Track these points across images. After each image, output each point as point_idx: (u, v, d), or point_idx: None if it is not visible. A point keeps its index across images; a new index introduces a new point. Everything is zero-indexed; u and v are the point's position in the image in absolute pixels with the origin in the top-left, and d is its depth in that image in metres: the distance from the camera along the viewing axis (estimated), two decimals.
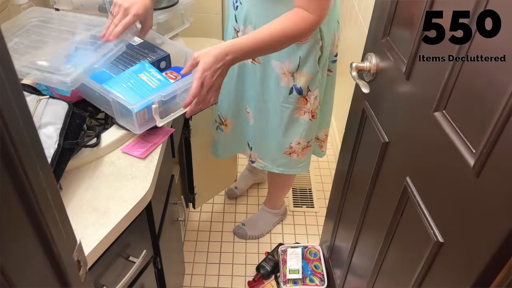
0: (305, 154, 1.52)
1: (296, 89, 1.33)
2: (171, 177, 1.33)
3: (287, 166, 1.54)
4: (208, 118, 1.63)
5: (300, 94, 1.35)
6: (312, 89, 1.35)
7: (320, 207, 2.06)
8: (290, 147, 1.48)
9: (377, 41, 1.04)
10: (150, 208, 1.00)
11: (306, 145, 1.48)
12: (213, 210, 2.03)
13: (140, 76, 1.08)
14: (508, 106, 0.57)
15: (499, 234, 0.60)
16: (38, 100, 0.92)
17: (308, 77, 1.32)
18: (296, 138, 1.45)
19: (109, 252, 0.86)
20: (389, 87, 1.00)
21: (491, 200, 0.62)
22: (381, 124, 1.05)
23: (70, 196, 0.89)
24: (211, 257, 1.83)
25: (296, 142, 1.46)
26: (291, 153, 1.49)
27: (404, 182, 0.89)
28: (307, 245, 1.78)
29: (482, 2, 0.63)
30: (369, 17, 1.11)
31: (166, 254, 1.22)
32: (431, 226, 0.78)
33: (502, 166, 0.59)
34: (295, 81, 1.32)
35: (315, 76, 1.33)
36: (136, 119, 0.99)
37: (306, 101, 1.37)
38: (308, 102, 1.37)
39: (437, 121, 0.75)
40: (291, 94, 1.35)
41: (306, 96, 1.36)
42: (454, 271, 0.73)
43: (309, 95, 1.36)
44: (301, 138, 1.45)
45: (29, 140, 0.42)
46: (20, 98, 0.40)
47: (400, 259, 0.97)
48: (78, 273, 0.57)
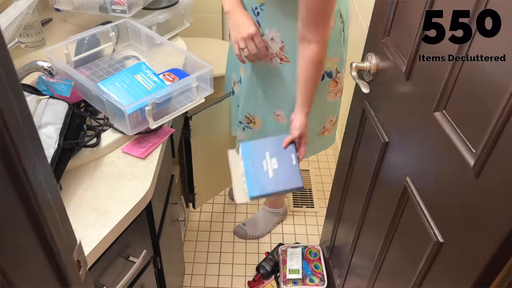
0: (333, 128, 1.59)
1: (327, 74, 1.38)
2: (171, 177, 1.33)
3: (319, 146, 1.61)
4: (208, 118, 1.63)
5: (330, 77, 1.39)
6: (340, 70, 1.40)
7: (320, 207, 2.06)
8: (324, 127, 1.54)
9: (377, 41, 1.04)
10: (150, 208, 1.00)
11: (336, 119, 1.56)
12: (213, 210, 2.03)
13: (135, 77, 1.08)
14: (508, 106, 0.57)
15: (499, 234, 0.60)
16: (38, 100, 0.92)
17: (336, 60, 1.36)
18: (328, 117, 1.52)
19: (109, 252, 0.86)
20: (389, 87, 1.00)
21: (491, 200, 0.62)
22: (381, 124, 1.05)
23: (70, 196, 0.89)
24: (211, 257, 1.83)
25: (329, 120, 1.53)
26: (324, 131, 1.56)
27: (404, 182, 0.89)
28: (307, 245, 1.78)
29: (482, 2, 0.63)
30: (369, 17, 1.11)
31: (166, 254, 1.22)
32: (431, 226, 0.78)
33: (502, 166, 0.59)
34: (325, 68, 1.35)
35: (341, 57, 1.37)
36: (129, 120, 0.99)
37: (336, 84, 1.42)
38: (338, 84, 1.42)
39: (437, 121, 0.75)
40: (323, 80, 1.39)
41: (336, 78, 1.40)
42: (454, 271, 0.73)
43: (338, 76, 1.40)
44: (333, 116, 1.53)
45: (29, 140, 0.42)
46: (20, 98, 0.40)
47: (400, 259, 0.97)
48: (78, 273, 0.57)
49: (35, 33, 1.33)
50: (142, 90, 1.05)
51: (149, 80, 1.08)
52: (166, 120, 1.07)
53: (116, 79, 1.06)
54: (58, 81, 1.04)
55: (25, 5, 1.12)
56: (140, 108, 1.00)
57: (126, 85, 1.05)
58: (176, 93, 1.06)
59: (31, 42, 1.34)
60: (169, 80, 1.13)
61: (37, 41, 1.35)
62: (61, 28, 1.45)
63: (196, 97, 1.13)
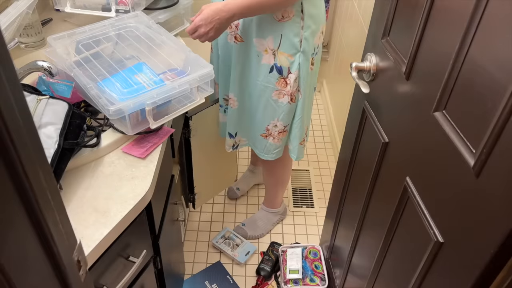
0: (281, 139, 1.53)
1: (277, 68, 1.37)
2: (171, 177, 1.33)
3: (263, 150, 1.57)
4: (208, 118, 1.63)
5: (280, 74, 1.37)
6: (292, 70, 1.37)
7: (320, 207, 2.06)
8: (267, 129, 1.51)
9: (377, 41, 1.05)
10: (150, 208, 1.00)
11: (283, 129, 1.50)
12: (213, 210, 2.03)
13: (136, 77, 1.08)
14: (508, 106, 0.57)
15: (499, 234, 0.60)
16: (38, 100, 0.92)
17: (289, 57, 1.34)
18: (273, 120, 1.47)
19: (109, 252, 0.86)
20: (389, 87, 1.00)
21: (491, 200, 0.62)
22: (381, 124, 1.05)
23: (70, 196, 0.89)
24: (211, 257, 1.83)
25: (273, 124, 1.49)
26: (267, 135, 1.52)
27: (404, 182, 0.89)
28: (307, 245, 1.78)
29: (482, 2, 0.63)
30: (369, 17, 1.11)
31: (166, 254, 1.22)
32: (431, 226, 0.78)
33: (502, 166, 0.59)
34: (275, 60, 1.35)
35: (295, 57, 1.35)
36: (129, 120, 0.99)
37: (285, 84, 1.39)
38: (287, 85, 1.39)
39: (437, 121, 0.75)
40: (271, 73, 1.38)
41: (286, 78, 1.38)
42: (454, 271, 0.73)
43: (289, 77, 1.38)
44: (278, 121, 1.48)
45: (29, 140, 0.42)
46: (20, 98, 0.40)
47: (400, 259, 0.97)
48: (78, 273, 0.57)
49: (35, 33, 1.34)
50: (142, 90, 1.05)
51: (149, 79, 1.08)
52: (166, 120, 1.07)
53: (116, 79, 1.06)
54: (59, 81, 1.04)
55: (25, 5, 1.12)
56: (140, 108, 1.00)
57: (126, 84, 1.05)
58: (176, 94, 1.06)
59: (31, 42, 1.34)
60: (169, 80, 1.12)
61: (37, 41, 1.35)
62: (61, 28, 1.45)
63: (196, 97, 1.13)
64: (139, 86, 1.06)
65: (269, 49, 1.34)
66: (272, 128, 1.49)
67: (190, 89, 1.11)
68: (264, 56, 1.35)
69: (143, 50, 1.20)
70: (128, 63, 1.19)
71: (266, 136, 1.52)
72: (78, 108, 1.12)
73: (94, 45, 1.20)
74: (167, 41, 1.24)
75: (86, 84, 1.02)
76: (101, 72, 1.10)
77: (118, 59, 1.20)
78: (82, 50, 1.17)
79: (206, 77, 1.13)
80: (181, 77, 1.10)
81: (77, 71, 1.06)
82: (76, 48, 1.18)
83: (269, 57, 1.35)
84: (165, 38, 1.22)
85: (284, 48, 1.33)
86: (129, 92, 1.04)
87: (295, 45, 1.33)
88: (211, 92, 1.17)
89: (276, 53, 1.34)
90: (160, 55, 1.24)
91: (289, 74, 1.37)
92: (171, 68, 1.20)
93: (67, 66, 1.08)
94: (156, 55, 1.26)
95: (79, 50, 1.18)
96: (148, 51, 1.22)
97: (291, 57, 1.34)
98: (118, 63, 1.18)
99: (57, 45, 1.13)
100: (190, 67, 1.17)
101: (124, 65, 1.19)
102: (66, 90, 1.04)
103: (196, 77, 1.10)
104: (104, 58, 1.22)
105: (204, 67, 1.13)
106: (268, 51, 1.34)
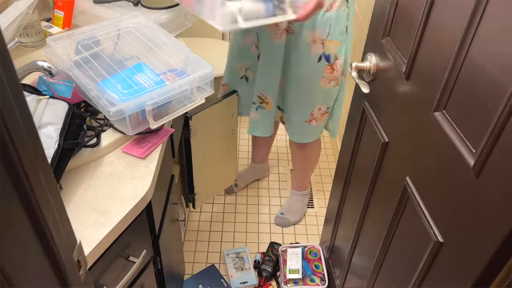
0: (323, 120, 1.59)
1: (325, 56, 1.40)
2: (171, 177, 1.33)
3: (304, 134, 1.63)
4: (208, 118, 1.63)
5: (328, 62, 1.41)
6: (339, 56, 1.41)
7: (320, 207, 2.06)
8: (311, 114, 1.55)
9: (377, 41, 1.05)
10: (150, 208, 1.00)
11: (326, 111, 1.56)
12: (213, 210, 2.03)
13: (136, 77, 1.08)
14: (508, 106, 0.57)
15: (499, 234, 0.60)
16: (38, 100, 0.92)
17: (337, 44, 1.39)
18: (318, 105, 1.52)
19: (109, 252, 0.86)
20: (389, 87, 1.00)
21: (491, 200, 0.62)
22: (381, 124, 1.05)
23: (70, 196, 0.89)
24: (211, 257, 1.83)
25: (317, 108, 1.53)
26: (311, 120, 1.56)
27: (404, 182, 0.89)
28: (307, 245, 1.78)
29: (482, 2, 0.63)
30: (369, 17, 1.11)
31: (166, 254, 1.22)
32: (431, 226, 0.78)
33: (502, 166, 0.59)
34: (324, 49, 1.38)
35: (342, 43, 1.39)
36: (129, 121, 0.99)
37: (332, 70, 1.43)
38: (334, 71, 1.44)
39: (437, 121, 0.75)
40: (320, 62, 1.41)
41: (333, 64, 1.42)
42: (454, 271, 0.73)
43: (336, 63, 1.42)
44: (322, 104, 1.53)
45: (29, 140, 0.42)
46: (20, 98, 0.40)
47: (400, 259, 0.97)
48: (78, 273, 0.57)
49: (35, 33, 1.34)
50: (143, 90, 1.05)
51: (149, 79, 1.08)
52: (166, 120, 1.07)
53: (116, 79, 1.06)
54: (59, 81, 1.04)
55: (25, 5, 1.12)
56: (140, 108, 1.00)
57: (126, 85, 1.05)
58: (177, 94, 1.06)
59: (31, 42, 1.34)
60: (170, 80, 1.13)
61: (37, 41, 1.35)
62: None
63: (197, 98, 1.13)
64: (139, 87, 1.06)
65: (318, 39, 1.37)
66: (316, 112, 1.54)
67: (190, 89, 1.11)
68: (312, 47, 1.39)
69: (143, 50, 1.20)
70: (128, 63, 1.19)
71: (310, 120, 1.57)
72: (78, 108, 1.12)
73: (94, 45, 1.20)
74: (167, 42, 1.24)
75: (86, 85, 1.02)
76: (101, 72, 1.10)
77: (117, 60, 1.20)
78: (81, 51, 1.17)
79: (206, 78, 1.13)
80: (181, 77, 1.10)
81: (76, 71, 1.05)
82: (76, 49, 1.18)
83: (317, 47, 1.38)
84: (165, 38, 1.22)
85: (332, 36, 1.36)
86: (129, 92, 1.04)
87: (343, 32, 1.37)
88: (211, 93, 1.17)
89: (325, 42, 1.38)
90: (160, 55, 1.24)
91: (335, 60, 1.41)
92: (171, 68, 1.19)
93: (66, 67, 1.08)
94: (156, 55, 1.26)
95: (78, 51, 1.18)
96: (148, 51, 1.22)
97: (339, 43, 1.39)
98: (117, 63, 1.18)
99: (57, 46, 1.13)
100: (190, 68, 1.17)
101: (124, 65, 1.19)
102: (66, 90, 1.04)
103: (196, 77, 1.10)
104: (104, 59, 1.21)
105: (204, 67, 1.13)
106: (317, 41, 1.37)
